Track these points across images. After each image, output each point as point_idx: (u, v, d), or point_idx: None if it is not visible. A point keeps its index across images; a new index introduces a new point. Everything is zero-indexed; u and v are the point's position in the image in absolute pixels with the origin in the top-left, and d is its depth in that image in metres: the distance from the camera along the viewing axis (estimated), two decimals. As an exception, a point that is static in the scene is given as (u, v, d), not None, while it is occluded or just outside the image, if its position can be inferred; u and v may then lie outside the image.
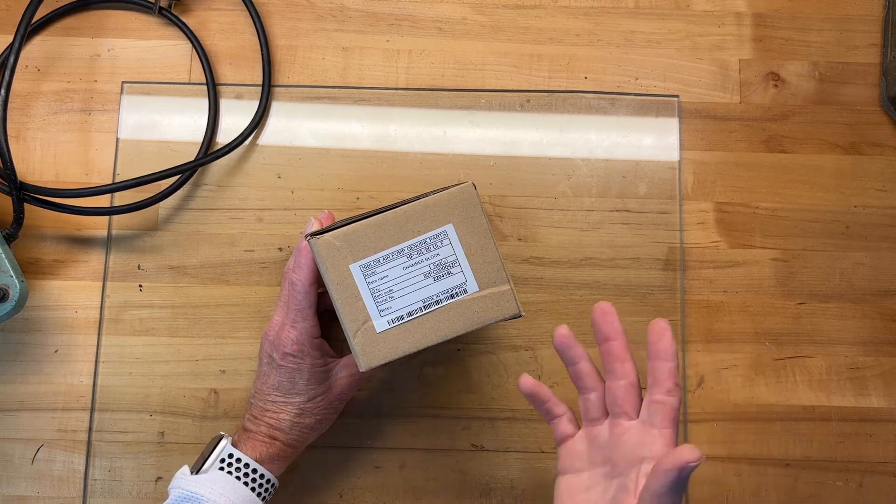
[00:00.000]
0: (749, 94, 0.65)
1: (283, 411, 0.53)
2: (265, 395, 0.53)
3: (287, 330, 0.52)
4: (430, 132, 0.64)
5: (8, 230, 0.58)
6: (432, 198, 0.46)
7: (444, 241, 0.46)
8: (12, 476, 0.59)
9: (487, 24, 0.66)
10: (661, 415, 0.43)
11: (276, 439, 0.53)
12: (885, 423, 0.61)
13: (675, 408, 0.44)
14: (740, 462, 0.60)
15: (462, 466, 0.60)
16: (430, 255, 0.46)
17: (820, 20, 0.66)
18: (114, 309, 0.61)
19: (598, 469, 0.46)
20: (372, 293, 0.46)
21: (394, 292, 0.46)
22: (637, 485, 0.42)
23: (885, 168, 0.64)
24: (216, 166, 0.63)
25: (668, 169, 0.64)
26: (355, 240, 0.45)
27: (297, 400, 0.53)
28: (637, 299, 0.62)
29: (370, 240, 0.46)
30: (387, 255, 0.46)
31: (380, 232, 0.46)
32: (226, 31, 0.65)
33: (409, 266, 0.46)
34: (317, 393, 0.53)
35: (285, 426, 0.53)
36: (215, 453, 0.51)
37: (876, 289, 0.62)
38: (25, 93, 0.64)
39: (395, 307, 0.46)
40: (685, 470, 0.39)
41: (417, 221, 0.46)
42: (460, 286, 0.47)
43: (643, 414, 0.45)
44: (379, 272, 0.46)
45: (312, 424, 0.54)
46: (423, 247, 0.46)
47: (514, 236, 0.62)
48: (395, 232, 0.46)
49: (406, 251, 0.46)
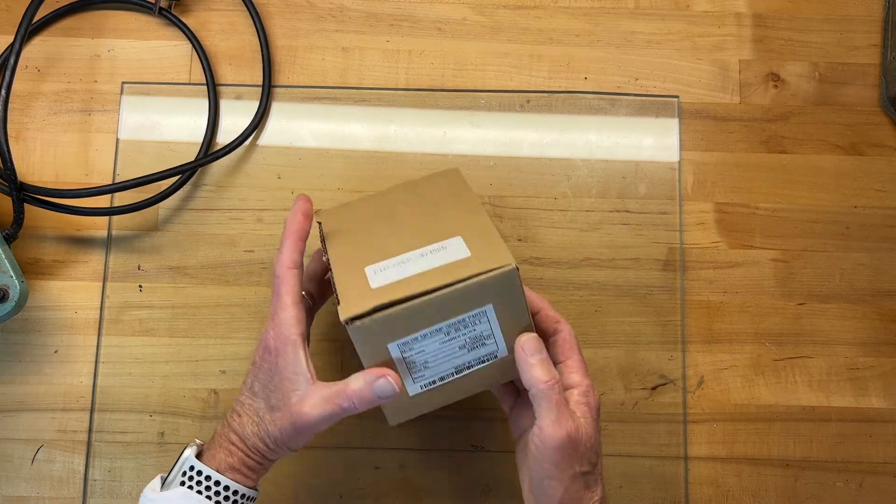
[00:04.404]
0: (749, 95, 0.65)
1: (246, 415, 0.48)
2: (240, 394, 0.49)
3: (268, 323, 0.47)
4: (430, 132, 0.64)
5: (8, 230, 0.58)
6: (475, 282, 0.44)
7: (482, 319, 0.46)
8: (12, 476, 0.59)
9: (487, 24, 0.66)
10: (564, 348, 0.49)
11: (236, 445, 0.47)
12: (885, 423, 0.61)
13: (566, 339, 0.49)
14: (740, 462, 0.60)
15: (462, 466, 0.60)
16: (467, 331, 0.46)
17: (820, 21, 0.66)
18: (114, 309, 0.61)
19: None
20: (407, 365, 0.46)
21: (428, 363, 0.47)
22: None
23: (885, 168, 0.64)
24: (216, 167, 0.63)
25: (668, 169, 0.64)
26: (395, 323, 0.44)
27: (259, 405, 0.47)
28: (637, 299, 0.62)
29: (410, 322, 0.45)
30: (425, 333, 0.45)
31: (420, 315, 0.45)
32: (226, 32, 0.65)
33: (446, 341, 0.46)
34: (277, 405, 0.46)
35: (245, 433, 0.47)
36: (178, 466, 0.47)
37: (876, 289, 0.62)
38: (25, 93, 0.64)
39: (428, 375, 0.47)
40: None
41: (458, 304, 0.45)
42: (492, 353, 0.47)
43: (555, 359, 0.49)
44: (416, 348, 0.46)
45: (265, 439, 0.47)
46: (462, 325, 0.46)
47: (514, 237, 0.62)
48: (436, 314, 0.45)
49: (444, 329, 0.45)
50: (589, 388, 0.47)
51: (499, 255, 0.44)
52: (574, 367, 0.48)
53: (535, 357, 0.45)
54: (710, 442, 0.60)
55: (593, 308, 0.61)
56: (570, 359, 0.48)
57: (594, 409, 0.47)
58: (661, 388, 0.61)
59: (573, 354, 0.48)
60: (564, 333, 0.49)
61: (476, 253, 0.45)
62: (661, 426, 0.60)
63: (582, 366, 0.48)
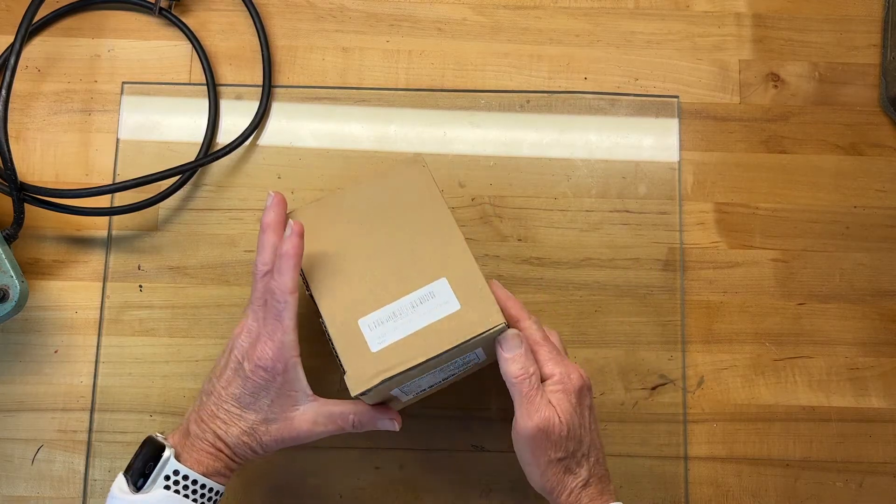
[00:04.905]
0: (749, 95, 0.65)
1: (234, 425, 0.48)
2: (221, 400, 0.49)
3: (264, 341, 0.48)
4: (430, 133, 0.64)
5: (8, 230, 0.58)
6: (471, 343, 0.48)
7: (471, 356, 0.51)
8: (12, 476, 0.59)
9: (487, 24, 0.66)
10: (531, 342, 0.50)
11: (222, 451, 0.49)
12: (884, 423, 0.61)
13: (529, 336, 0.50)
14: (740, 462, 0.60)
15: (462, 466, 0.60)
16: (458, 364, 0.51)
17: (820, 21, 0.66)
18: (114, 309, 0.61)
19: None
20: (402, 390, 0.51)
21: (421, 385, 0.52)
22: None
23: (885, 168, 0.64)
24: (216, 167, 0.63)
25: (668, 169, 0.64)
26: (397, 381, 0.49)
27: (252, 417, 0.48)
28: (637, 300, 0.62)
29: (411, 377, 0.49)
30: (422, 377, 0.50)
31: (421, 371, 0.49)
32: (226, 32, 0.65)
33: (439, 373, 0.51)
34: (274, 418, 0.49)
35: (231, 440, 0.48)
36: (158, 468, 0.47)
37: (876, 289, 0.62)
38: (26, 93, 0.64)
39: (419, 390, 0.53)
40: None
41: (454, 356, 0.50)
42: (475, 362, 0.53)
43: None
44: (412, 384, 0.51)
45: (255, 448, 0.49)
46: (454, 364, 0.51)
47: (514, 237, 0.62)
48: (434, 366, 0.49)
49: (439, 369, 0.50)
50: (563, 376, 0.49)
51: (488, 310, 0.49)
52: (543, 360, 0.50)
53: (510, 353, 0.48)
54: (710, 442, 0.60)
55: (593, 308, 0.61)
56: (537, 354, 0.50)
57: (573, 394, 0.49)
58: (661, 388, 0.61)
59: (540, 347, 0.50)
60: (526, 331, 0.50)
61: (465, 304, 0.49)
62: (661, 426, 0.60)
63: (553, 356, 0.50)
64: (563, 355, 0.51)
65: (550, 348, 0.50)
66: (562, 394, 0.48)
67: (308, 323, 0.61)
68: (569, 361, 0.50)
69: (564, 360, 0.50)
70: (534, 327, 0.51)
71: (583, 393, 0.49)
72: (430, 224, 0.52)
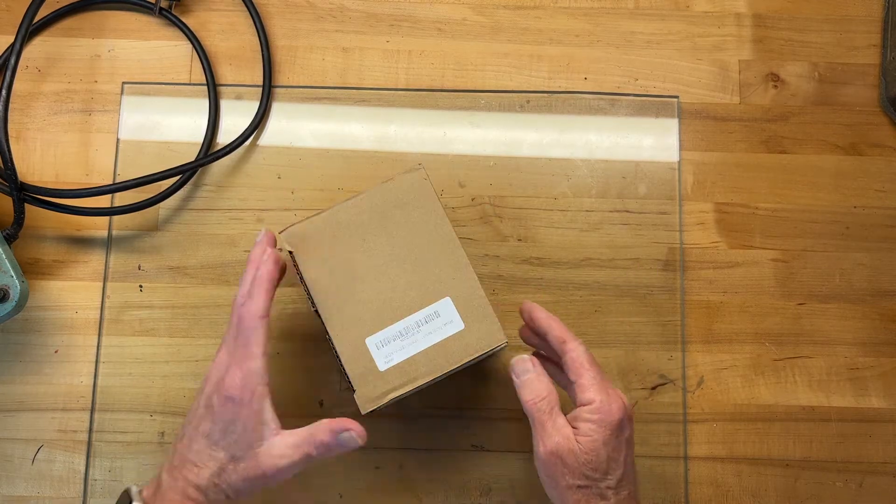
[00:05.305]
0: (749, 95, 0.65)
1: (205, 467, 0.45)
2: (191, 441, 0.46)
3: (232, 371, 0.46)
4: (430, 133, 0.64)
5: (8, 230, 0.58)
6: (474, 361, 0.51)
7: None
8: (12, 476, 0.59)
9: (487, 24, 0.66)
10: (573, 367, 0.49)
11: (196, 501, 0.45)
12: (884, 423, 0.61)
13: (575, 358, 0.49)
14: (740, 462, 0.60)
15: (462, 466, 0.60)
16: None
17: (820, 21, 0.66)
18: (114, 309, 0.61)
19: None
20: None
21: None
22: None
23: (884, 169, 0.64)
24: (216, 167, 0.63)
25: (668, 169, 0.64)
26: (408, 396, 0.51)
27: (221, 455, 0.46)
28: (637, 300, 0.62)
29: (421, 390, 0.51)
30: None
31: (430, 386, 0.51)
32: (226, 32, 0.65)
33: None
34: (242, 456, 0.46)
35: (203, 484, 0.45)
36: None
37: (876, 289, 0.62)
38: (26, 93, 0.64)
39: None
40: None
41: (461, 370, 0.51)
42: None
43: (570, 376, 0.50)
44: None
45: (227, 490, 0.46)
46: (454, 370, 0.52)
47: (514, 237, 0.62)
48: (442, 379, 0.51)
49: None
50: (603, 405, 0.47)
51: (491, 329, 0.51)
52: (586, 385, 0.48)
53: (521, 378, 0.48)
54: (709, 442, 0.60)
55: (593, 308, 0.62)
56: (581, 377, 0.48)
57: (609, 425, 0.47)
58: (660, 387, 0.61)
59: (584, 372, 0.48)
60: (572, 353, 0.49)
61: (469, 323, 0.51)
62: (661, 426, 0.60)
63: (594, 382, 0.48)
64: (607, 381, 0.49)
65: (595, 373, 0.49)
66: (596, 424, 0.47)
67: (309, 323, 0.61)
68: (611, 388, 0.49)
69: (607, 388, 0.48)
70: (580, 349, 0.49)
71: (622, 425, 0.48)
72: (433, 240, 0.52)
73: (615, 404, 0.48)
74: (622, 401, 0.48)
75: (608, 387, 0.49)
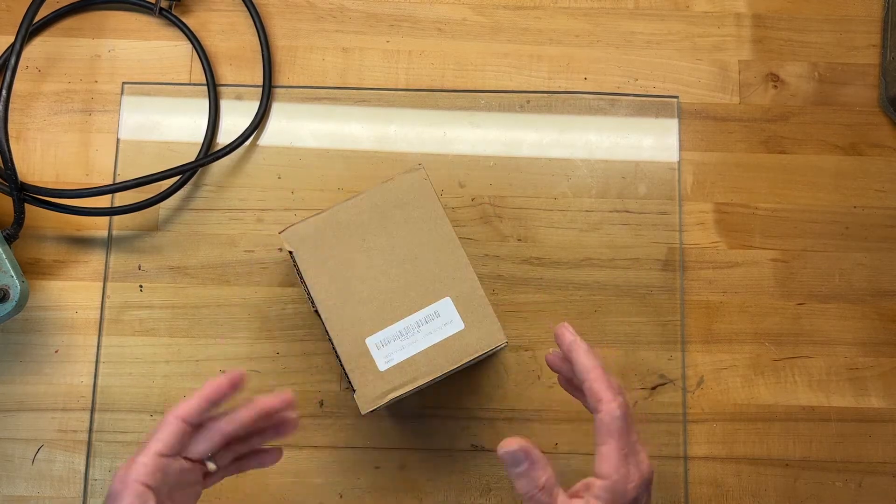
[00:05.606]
0: (749, 95, 0.65)
1: None
2: None
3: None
4: (430, 133, 0.64)
5: (8, 230, 0.58)
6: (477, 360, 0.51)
7: None
8: (12, 476, 0.59)
9: (487, 24, 0.66)
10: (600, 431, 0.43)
11: None
12: (884, 423, 0.61)
13: (604, 423, 0.43)
14: (740, 462, 0.60)
15: (462, 466, 0.60)
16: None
17: (819, 21, 0.66)
18: (114, 309, 0.61)
19: None
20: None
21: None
22: None
23: (884, 169, 0.64)
24: (216, 167, 0.63)
25: (668, 169, 0.64)
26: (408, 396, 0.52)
27: None
28: (637, 300, 0.62)
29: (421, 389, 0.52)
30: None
31: (430, 385, 0.52)
32: (226, 32, 0.65)
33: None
34: None
35: None
36: None
37: (875, 289, 0.63)
38: (26, 93, 0.64)
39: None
40: None
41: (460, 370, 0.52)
42: None
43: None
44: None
45: None
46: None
47: (514, 237, 0.62)
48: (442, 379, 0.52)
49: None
50: (616, 483, 0.42)
51: (490, 329, 0.51)
52: (605, 456, 0.43)
53: (513, 469, 0.42)
54: (709, 442, 0.60)
55: (593, 308, 0.62)
56: (603, 444, 0.43)
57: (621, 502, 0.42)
58: (660, 387, 0.61)
59: (608, 441, 0.43)
60: (602, 415, 0.43)
61: (469, 323, 0.51)
62: (661, 426, 0.60)
63: (616, 455, 0.42)
64: (632, 450, 0.43)
65: (621, 445, 0.43)
66: (602, 501, 0.42)
67: (309, 323, 0.61)
68: (633, 458, 0.43)
69: (628, 460, 0.43)
70: (613, 414, 0.43)
71: (638, 500, 0.43)
72: (433, 239, 0.52)
73: (632, 483, 0.43)
74: (641, 476, 0.43)
75: (631, 457, 0.43)
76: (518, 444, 0.42)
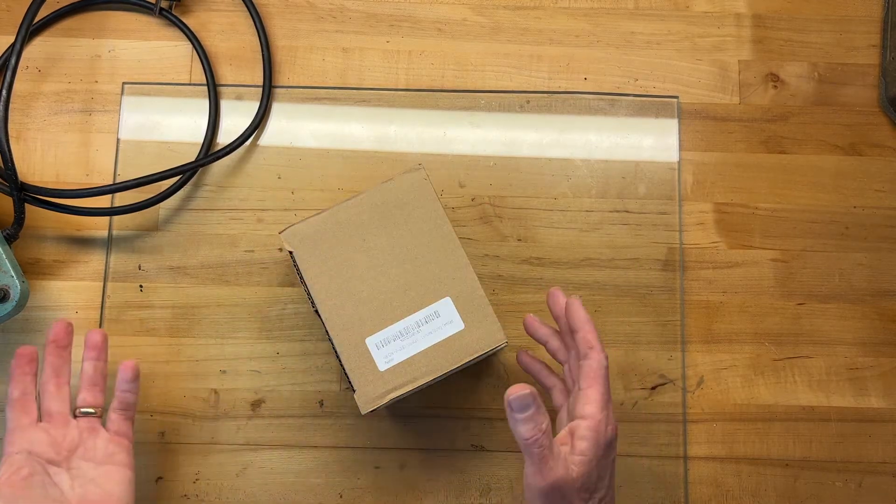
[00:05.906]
0: (748, 95, 0.65)
1: None
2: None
3: None
4: (430, 133, 0.64)
5: (8, 230, 0.58)
6: (477, 360, 0.52)
7: None
8: (13, 476, 0.59)
9: (487, 25, 0.66)
10: (588, 376, 0.48)
11: None
12: (884, 423, 0.61)
13: (592, 368, 0.47)
14: (740, 462, 0.60)
15: (462, 466, 0.60)
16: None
17: (819, 21, 0.66)
18: (114, 309, 0.61)
19: None
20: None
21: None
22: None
23: (884, 169, 0.64)
24: (217, 167, 0.63)
25: (668, 170, 0.64)
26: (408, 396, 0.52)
27: None
28: (637, 299, 0.62)
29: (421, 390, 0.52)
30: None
31: (430, 386, 0.52)
32: (226, 32, 0.65)
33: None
34: None
35: None
36: None
37: (875, 289, 0.63)
38: (26, 93, 0.64)
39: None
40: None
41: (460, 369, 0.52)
42: None
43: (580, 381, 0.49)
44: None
45: None
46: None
47: (514, 237, 0.62)
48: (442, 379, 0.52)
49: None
50: (599, 423, 0.46)
51: (491, 329, 0.51)
52: (591, 398, 0.47)
53: (520, 414, 0.45)
54: (709, 442, 0.60)
55: (593, 308, 0.62)
56: (590, 388, 0.47)
57: (601, 444, 0.46)
58: (660, 387, 0.61)
59: (594, 385, 0.47)
60: (592, 361, 0.48)
61: (469, 323, 0.51)
62: (661, 426, 0.60)
63: (600, 398, 0.47)
64: (609, 399, 0.48)
65: (605, 390, 0.48)
66: (589, 442, 0.46)
67: (309, 323, 0.61)
68: (610, 409, 0.48)
69: (607, 405, 0.48)
70: (603, 362, 0.48)
71: (611, 445, 0.48)
72: (433, 239, 0.52)
73: (610, 425, 0.47)
74: (615, 424, 0.48)
75: (608, 404, 0.48)
76: (529, 388, 0.45)
